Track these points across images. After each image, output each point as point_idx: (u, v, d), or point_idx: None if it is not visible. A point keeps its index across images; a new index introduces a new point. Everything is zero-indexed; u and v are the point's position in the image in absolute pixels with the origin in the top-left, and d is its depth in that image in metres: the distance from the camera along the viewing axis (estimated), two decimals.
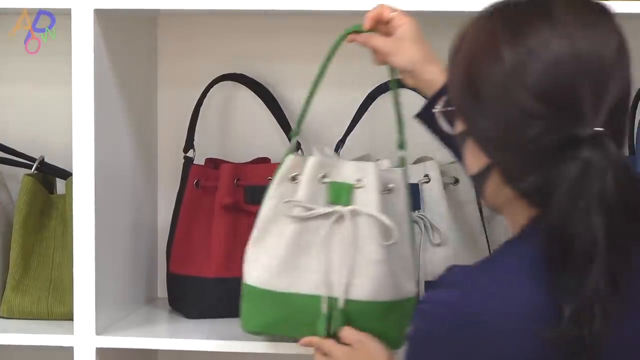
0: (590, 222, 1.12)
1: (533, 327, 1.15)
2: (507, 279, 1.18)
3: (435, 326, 1.19)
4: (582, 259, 1.12)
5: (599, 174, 1.13)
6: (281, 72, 1.96)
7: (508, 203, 1.25)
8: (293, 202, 1.59)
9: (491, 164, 1.23)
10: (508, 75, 1.17)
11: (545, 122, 1.16)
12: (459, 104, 1.25)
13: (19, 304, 1.84)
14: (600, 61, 1.16)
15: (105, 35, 1.72)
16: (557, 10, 1.18)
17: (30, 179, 1.86)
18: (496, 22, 1.21)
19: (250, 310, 1.63)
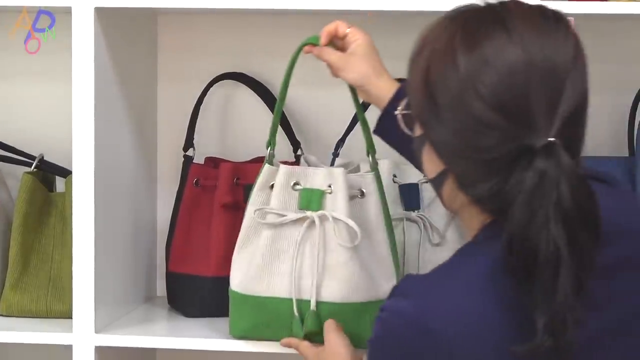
0: (550, 232, 1.13)
1: (482, 336, 1.16)
2: (460, 288, 1.19)
3: (389, 334, 1.21)
4: (548, 269, 1.13)
5: (553, 183, 1.13)
6: (281, 71, 1.94)
7: (463, 208, 1.26)
8: (266, 209, 1.65)
9: (447, 169, 1.24)
10: (463, 84, 1.18)
11: (499, 131, 1.16)
12: (417, 109, 1.25)
13: (18, 302, 1.84)
14: (554, 71, 1.17)
15: (105, 33, 1.72)
16: (513, 19, 1.19)
17: (29, 177, 1.87)
18: (455, 29, 1.21)
19: (235, 315, 1.69)
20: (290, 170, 1.66)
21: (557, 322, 1.12)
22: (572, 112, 1.17)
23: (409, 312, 1.19)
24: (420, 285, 1.23)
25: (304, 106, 2.00)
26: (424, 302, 1.19)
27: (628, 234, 1.24)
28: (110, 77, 1.76)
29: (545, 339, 1.12)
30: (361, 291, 1.63)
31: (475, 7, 1.22)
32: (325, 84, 1.94)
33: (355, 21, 1.96)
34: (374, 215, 1.68)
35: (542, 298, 1.13)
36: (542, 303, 1.13)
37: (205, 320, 1.82)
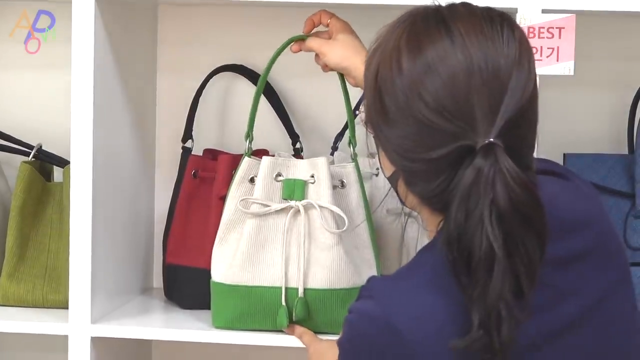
0: (485, 231, 1.14)
1: (443, 334, 1.18)
2: (417, 288, 1.22)
3: (357, 334, 1.24)
4: (482, 267, 1.15)
5: (489, 183, 1.15)
6: (280, 64, 1.95)
7: (417, 207, 1.29)
8: (250, 199, 1.68)
9: (397, 169, 1.27)
10: (407, 88, 1.20)
11: (442, 134, 1.18)
12: (368, 109, 1.28)
13: (14, 292, 1.84)
14: (496, 73, 1.18)
15: (105, 23, 1.71)
16: (457, 22, 1.20)
17: (27, 167, 1.87)
18: (403, 32, 1.23)
19: (218, 306, 1.71)
20: (273, 161, 1.70)
21: (492, 319, 1.14)
22: (515, 114, 1.18)
23: (374, 312, 1.22)
24: (383, 285, 1.26)
25: (303, 99, 2.00)
26: (387, 301, 1.22)
27: (586, 225, 1.26)
28: (110, 67, 1.76)
29: (479, 335, 1.14)
30: (346, 278, 1.67)
31: (424, 8, 1.25)
32: (324, 77, 1.94)
33: (355, 14, 1.96)
34: (355, 204, 1.72)
35: (477, 295, 1.15)
36: (477, 300, 1.15)
37: (201, 312, 1.82)
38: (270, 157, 1.71)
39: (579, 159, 1.80)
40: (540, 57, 1.62)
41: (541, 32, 1.63)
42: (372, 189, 1.83)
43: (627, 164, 1.79)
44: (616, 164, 1.79)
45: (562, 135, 1.94)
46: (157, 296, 1.96)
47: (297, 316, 1.65)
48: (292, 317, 1.66)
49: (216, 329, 1.71)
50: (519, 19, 1.62)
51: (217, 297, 1.70)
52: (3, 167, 1.96)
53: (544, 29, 1.63)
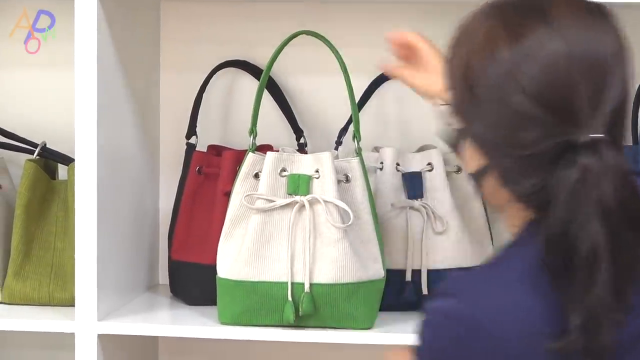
0: (591, 231, 1.11)
1: (534, 333, 1.14)
2: (504, 285, 1.17)
3: (437, 335, 1.19)
4: (586, 268, 1.11)
5: (596, 181, 1.11)
6: (284, 59, 1.95)
7: (505, 205, 1.25)
8: (255, 195, 1.69)
9: (488, 165, 1.22)
10: (504, 77, 1.16)
11: (540, 126, 1.14)
12: (456, 103, 1.24)
13: (21, 290, 1.84)
14: (597, 64, 1.14)
15: (108, 20, 1.72)
16: (555, 11, 1.17)
17: (32, 165, 1.87)
18: (495, 21, 1.19)
19: (224, 302, 1.71)
20: (277, 156, 1.71)
21: (592, 323, 1.11)
22: (615, 108, 1.14)
23: (461, 310, 1.17)
24: (467, 282, 1.21)
25: (306, 94, 2.00)
26: (472, 298, 1.17)
27: None
28: (113, 64, 1.76)
29: (577, 339, 1.11)
30: (351, 272, 1.67)
31: None
32: (327, 74, 1.95)
33: (355, 9, 1.96)
34: (360, 199, 1.72)
35: (578, 298, 1.11)
36: (577, 301, 1.11)
37: (207, 308, 1.82)
38: (274, 152, 1.72)
39: None
40: None
41: None
42: (377, 183, 1.84)
43: (633, 154, 1.80)
44: None
45: None
46: (163, 293, 1.96)
47: (303, 311, 1.65)
48: (298, 312, 1.66)
49: (222, 324, 1.71)
50: None
51: (222, 293, 1.71)
52: (8, 165, 1.96)
53: None
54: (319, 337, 1.69)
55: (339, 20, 1.97)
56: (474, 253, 1.84)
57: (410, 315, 1.78)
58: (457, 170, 1.87)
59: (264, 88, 1.75)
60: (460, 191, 1.87)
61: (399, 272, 1.82)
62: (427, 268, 1.82)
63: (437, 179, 1.84)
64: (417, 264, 1.82)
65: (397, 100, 1.97)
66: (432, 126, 1.97)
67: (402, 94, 1.95)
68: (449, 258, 1.83)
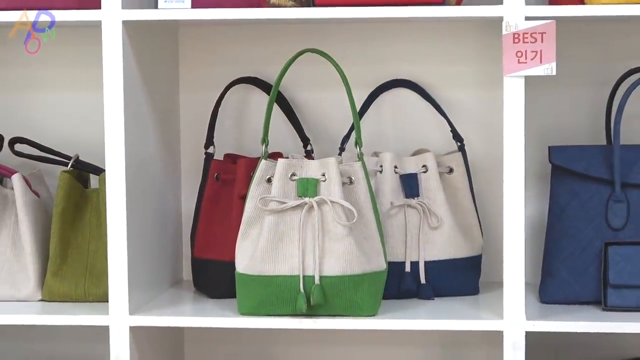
0: None
1: None
2: None
3: None
4: None
5: None
6: (290, 75, 1.96)
7: None
8: (268, 198, 1.68)
9: None
10: None
11: None
12: None
13: (59, 289, 1.84)
14: None
15: (132, 44, 1.72)
16: None
17: (66, 175, 1.86)
18: None
19: (243, 295, 1.70)
20: (287, 162, 1.70)
21: None
22: None
23: None
24: None
25: (311, 106, 1.99)
26: None
27: None
28: (137, 84, 1.76)
29: None
30: (357, 265, 1.66)
31: None
32: (330, 87, 1.95)
33: (354, 29, 1.97)
34: (363, 199, 1.71)
35: None
36: None
37: (227, 300, 1.82)
38: (284, 159, 1.71)
39: (563, 150, 1.78)
40: (525, 60, 1.62)
41: (525, 37, 1.62)
42: (377, 184, 1.83)
43: (606, 154, 1.77)
44: (596, 154, 1.77)
45: (547, 129, 1.94)
46: (187, 288, 1.95)
47: (314, 301, 1.65)
48: (310, 302, 1.65)
49: (241, 315, 1.70)
50: (505, 26, 1.61)
51: (241, 287, 1.70)
52: (45, 177, 1.96)
53: (527, 34, 1.62)
54: (329, 324, 1.68)
55: (340, 39, 1.96)
56: (466, 245, 1.85)
57: (410, 302, 1.80)
58: (449, 171, 1.87)
59: (273, 101, 1.74)
60: (452, 190, 1.87)
61: (399, 264, 1.82)
62: (424, 260, 1.82)
63: (431, 180, 1.84)
64: (415, 256, 1.82)
65: (393, 109, 1.97)
66: (425, 132, 2.01)
67: (398, 104, 1.97)
68: (443, 250, 1.83)
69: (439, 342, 2.00)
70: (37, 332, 2.05)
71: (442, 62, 1.96)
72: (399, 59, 1.97)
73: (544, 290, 1.79)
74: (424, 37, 1.95)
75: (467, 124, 1.96)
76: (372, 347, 2.02)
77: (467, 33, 1.95)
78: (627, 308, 1.71)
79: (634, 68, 1.87)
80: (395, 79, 1.96)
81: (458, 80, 1.96)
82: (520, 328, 1.65)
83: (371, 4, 1.65)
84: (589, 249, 1.77)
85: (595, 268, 1.76)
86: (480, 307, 1.77)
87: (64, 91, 2.02)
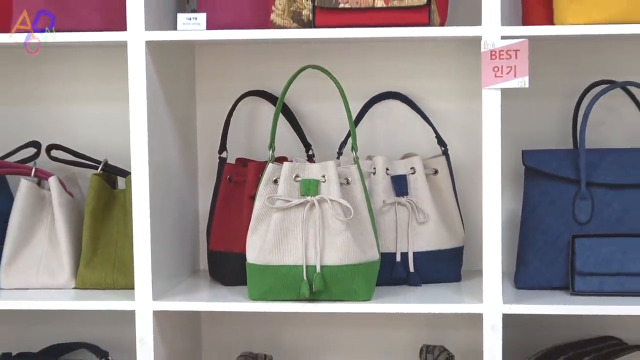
0: None
1: None
2: None
3: None
4: None
5: None
6: (294, 89, 1.96)
7: None
8: (274, 197, 1.68)
9: None
10: None
11: None
12: None
13: (90, 278, 1.84)
14: None
15: (154, 61, 1.72)
16: None
17: (96, 178, 1.87)
18: None
19: (253, 282, 1.70)
20: (291, 166, 1.70)
21: None
22: None
23: None
24: None
25: (314, 116, 1.99)
26: None
27: None
28: (159, 96, 1.76)
29: None
30: (353, 255, 1.66)
31: None
32: (329, 99, 1.95)
33: (350, 47, 1.96)
34: (359, 198, 1.70)
35: None
36: None
37: (238, 287, 1.82)
38: (289, 162, 1.71)
39: (535, 154, 1.79)
40: (501, 74, 1.62)
41: (501, 54, 1.62)
42: (371, 184, 1.83)
43: (573, 157, 1.78)
44: (564, 157, 1.78)
45: (521, 135, 1.94)
46: (203, 277, 1.95)
47: (316, 287, 1.65)
48: (312, 288, 1.65)
49: (252, 300, 1.70)
50: (483, 45, 1.62)
51: (251, 275, 1.70)
52: (78, 179, 1.96)
53: (503, 51, 1.62)
54: (329, 308, 1.68)
55: (337, 56, 1.96)
56: (449, 238, 1.84)
57: (401, 288, 1.80)
58: (434, 173, 1.86)
59: (279, 112, 1.74)
60: (437, 189, 1.86)
61: (390, 254, 1.81)
62: (413, 251, 1.81)
63: (418, 180, 1.84)
64: (405, 247, 1.81)
65: (385, 118, 1.96)
66: (413, 138, 2.00)
67: (389, 113, 1.96)
68: (429, 242, 1.82)
69: (426, 323, 2.00)
70: (71, 316, 2.04)
71: (428, 76, 1.96)
72: (390, 73, 1.97)
73: (518, 278, 1.79)
74: (412, 55, 1.95)
75: (450, 131, 1.96)
76: (367, 328, 2.01)
77: (450, 50, 1.95)
78: (592, 293, 1.71)
79: (596, 81, 1.87)
80: (386, 92, 1.96)
81: (442, 93, 1.96)
82: (498, 311, 1.65)
83: (365, 25, 1.64)
84: (558, 241, 1.76)
85: (563, 258, 1.76)
86: (462, 293, 1.77)
87: (94, 103, 2.02)
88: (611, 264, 1.70)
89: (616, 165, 1.76)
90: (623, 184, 1.75)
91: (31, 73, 2.01)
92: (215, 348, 2.04)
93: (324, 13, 1.65)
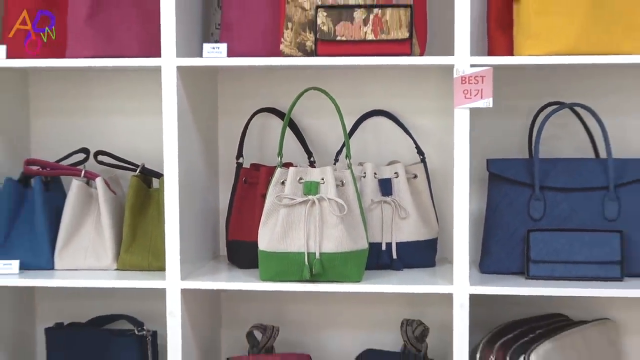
0: None
1: None
2: None
3: None
4: None
5: None
6: (300, 107, 1.95)
7: None
8: (282, 196, 1.67)
9: None
10: None
11: None
12: None
13: (130, 261, 1.83)
14: None
15: (183, 83, 1.72)
16: None
17: (135, 179, 1.86)
18: None
19: (263, 266, 1.69)
20: (296, 170, 1.69)
21: None
22: None
23: None
24: None
25: (315, 129, 1.98)
26: None
27: None
28: (187, 111, 1.75)
29: None
30: (346, 245, 1.65)
31: None
32: (328, 115, 1.95)
33: (346, 72, 1.98)
34: (351, 197, 1.70)
35: None
36: None
37: (252, 270, 1.81)
38: (294, 167, 1.70)
39: (498, 162, 1.78)
40: (470, 96, 1.62)
41: (470, 80, 1.62)
42: (362, 186, 1.83)
43: (529, 165, 1.78)
44: (522, 165, 1.77)
45: (486, 146, 1.93)
46: (223, 261, 1.94)
47: (315, 271, 1.64)
48: (312, 272, 1.65)
49: (263, 281, 1.70)
50: (455, 71, 1.61)
51: (262, 260, 1.69)
52: (120, 180, 1.95)
53: (472, 77, 1.62)
54: (326, 288, 1.67)
55: (335, 80, 1.95)
56: (426, 231, 1.84)
57: (385, 272, 1.79)
58: (414, 177, 1.86)
59: (286, 125, 1.72)
60: (416, 191, 1.86)
61: (377, 244, 1.81)
62: (396, 241, 1.82)
63: (401, 183, 1.83)
64: (389, 238, 1.82)
65: (374, 131, 1.96)
66: (396, 148, 2.02)
67: (377, 127, 1.96)
68: (409, 234, 1.82)
69: (406, 301, 2.00)
70: (113, 293, 2.04)
71: (410, 97, 1.95)
72: (378, 94, 1.97)
73: (482, 264, 1.79)
74: (396, 79, 1.95)
75: (427, 142, 1.96)
76: (358, 305, 2.01)
77: (428, 76, 1.95)
78: (544, 277, 1.72)
79: (549, 102, 1.88)
80: (375, 109, 1.96)
81: (421, 111, 1.95)
82: (466, 291, 1.66)
83: (358, 54, 1.66)
84: (515, 235, 1.77)
85: (520, 248, 1.76)
86: (437, 276, 1.77)
87: (133, 117, 2.01)
88: (560, 253, 1.70)
89: (565, 172, 1.75)
90: (571, 188, 1.75)
91: (82, 91, 2.01)
92: (232, 320, 2.03)
93: (325, 44, 1.65)
